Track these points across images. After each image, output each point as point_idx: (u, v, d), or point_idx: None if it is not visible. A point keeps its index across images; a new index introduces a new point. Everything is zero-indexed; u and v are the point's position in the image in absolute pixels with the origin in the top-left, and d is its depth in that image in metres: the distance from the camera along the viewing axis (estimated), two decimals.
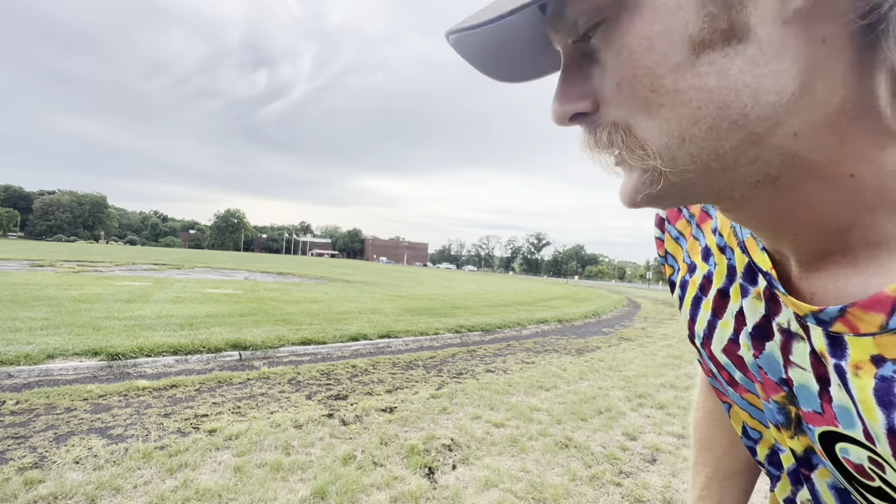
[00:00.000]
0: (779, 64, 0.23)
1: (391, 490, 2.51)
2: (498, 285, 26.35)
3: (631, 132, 0.27)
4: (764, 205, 0.28)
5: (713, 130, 0.25)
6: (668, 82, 0.25)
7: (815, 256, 0.30)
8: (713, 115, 0.24)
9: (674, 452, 3.26)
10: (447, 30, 0.29)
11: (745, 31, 0.23)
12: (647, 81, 0.25)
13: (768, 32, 0.23)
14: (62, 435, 2.93)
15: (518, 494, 2.55)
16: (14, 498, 2.19)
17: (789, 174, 0.26)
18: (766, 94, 0.23)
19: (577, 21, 0.27)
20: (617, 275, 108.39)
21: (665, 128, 0.26)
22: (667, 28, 0.24)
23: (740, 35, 0.23)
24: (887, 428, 0.25)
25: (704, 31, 0.23)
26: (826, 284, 0.30)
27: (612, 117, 0.28)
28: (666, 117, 0.25)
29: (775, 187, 0.27)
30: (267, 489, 2.41)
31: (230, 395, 3.95)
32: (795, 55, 0.23)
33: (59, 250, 32.39)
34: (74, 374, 4.34)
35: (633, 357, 6.87)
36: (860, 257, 0.28)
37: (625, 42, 0.25)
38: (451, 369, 5.44)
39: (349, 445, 3.03)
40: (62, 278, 11.68)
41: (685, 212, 0.47)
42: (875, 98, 0.23)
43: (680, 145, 0.26)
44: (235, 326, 6.57)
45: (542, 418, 3.80)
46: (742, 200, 0.28)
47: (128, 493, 2.30)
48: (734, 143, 0.25)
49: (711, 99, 0.24)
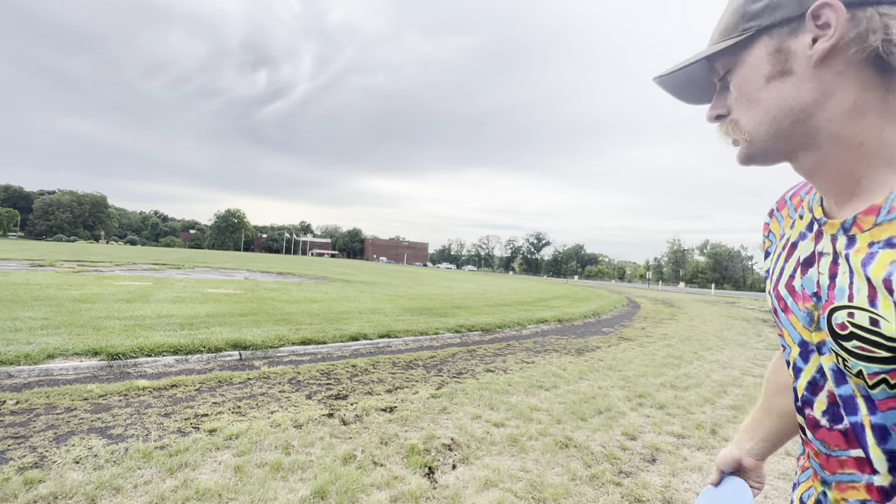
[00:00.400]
0: (811, 85, 0.47)
1: (391, 489, 2.51)
2: (498, 285, 26.35)
3: (738, 124, 0.54)
4: (814, 162, 0.51)
5: (776, 119, 0.50)
6: (754, 97, 0.51)
7: (845, 198, 0.51)
8: (774, 111, 0.49)
9: (673, 452, 3.26)
10: (654, 77, 0.58)
11: (790, 71, 0.48)
12: (746, 97, 0.52)
13: (804, 72, 0.47)
14: (62, 435, 2.93)
15: (518, 494, 2.55)
16: (14, 497, 2.19)
17: (825, 143, 0.48)
18: (804, 99, 0.47)
19: (719, 69, 0.55)
20: (616, 274, 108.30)
21: (754, 119, 0.51)
22: (753, 73, 0.50)
23: (788, 73, 0.48)
24: (867, 278, 0.44)
25: (771, 72, 0.49)
26: (850, 212, 0.50)
27: (733, 117, 0.55)
28: (753, 114, 0.51)
29: (819, 150, 0.49)
30: (267, 489, 2.41)
31: (230, 395, 3.95)
32: (821, 80, 0.46)
33: (59, 250, 32.39)
34: (74, 374, 4.34)
35: (633, 357, 6.87)
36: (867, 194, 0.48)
37: (737, 81, 0.52)
38: (451, 369, 5.45)
39: (349, 445, 3.03)
40: (62, 278, 11.68)
41: (789, 201, 0.66)
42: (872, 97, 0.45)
43: (758, 128, 0.51)
44: (236, 326, 6.57)
45: (542, 418, 3.80)
46: (801, 159, 0.52)
47: (128, 493, 2.30)
48: (788, 124, 0.49)
49: (774, 103, 0.49)
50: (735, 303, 25.39)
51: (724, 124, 0.56)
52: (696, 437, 3.58)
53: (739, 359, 7.31)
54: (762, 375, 6.10)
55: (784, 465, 3.18)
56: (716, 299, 29.01)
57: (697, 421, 3.97)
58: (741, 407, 4.49)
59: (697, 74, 0.57)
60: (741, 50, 0.51)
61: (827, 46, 0.45)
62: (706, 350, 7.94)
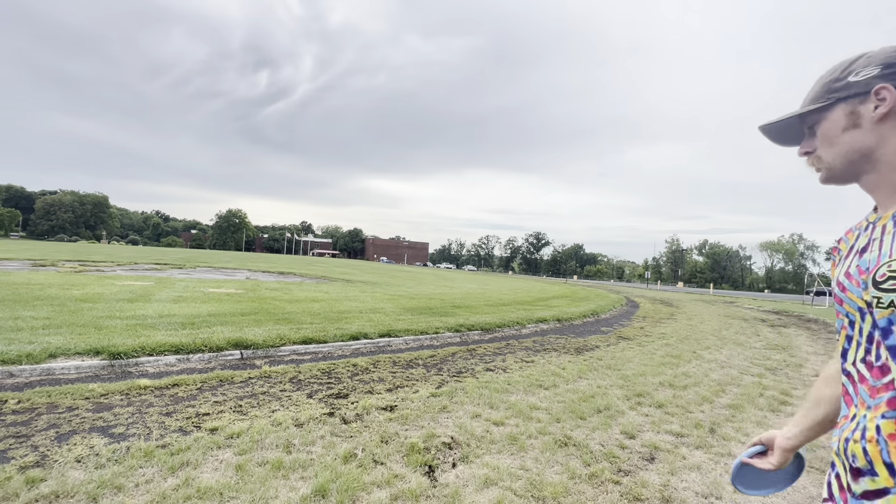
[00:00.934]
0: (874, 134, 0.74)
1: (391, 488, 2.52)
2: (497, 285, 26.36)
3: (821, 159, 0.81)
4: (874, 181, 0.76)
5: (847, 154, 0.77)
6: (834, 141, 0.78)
7: (893, 201, 0.74)
8: (847, 149, 0.77)
9: (672, 451, 3.27)
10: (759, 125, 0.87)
11: (860, 125, 0.75)
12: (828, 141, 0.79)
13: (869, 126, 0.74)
14: (64, 434, 2.95)
15: (517, 492, 2.56)
16: (16, 497, 2.21)
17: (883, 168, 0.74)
18: (868, 143, 0.74)
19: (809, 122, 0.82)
20: (615, 274, 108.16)
21: (832, 155, 0.79)
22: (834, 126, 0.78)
23: (858, 126, 0.75)
24: None
25: (846, 126, 0.75)
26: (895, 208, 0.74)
27: (817, 154, 0.81)
28: (832, 152, 0.78)
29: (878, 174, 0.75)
30: (268, 487, 2.43)
31: (232, 394, 3.96)
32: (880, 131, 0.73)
33: (60, 250, 32.43)
34: (76, 374, 4.36)
35: (632, 356, 6.88)
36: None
37: (822, 130, 0.80)
38: (451, 368, 5.46)
39: (350, 444, 3.05)
40: (64, 278, 11.70)
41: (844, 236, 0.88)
42: None
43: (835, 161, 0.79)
44: (237, 325, 6.59)
45: (542, 417, 3.82)
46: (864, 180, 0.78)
47: (130, 492, 2.32)
48: (857, 159, 0.77)
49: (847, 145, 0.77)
50: (733, 302, 25.38)
51: (811, 158, 0.85)
52: (694, 435, 3.59)
53: (738, 358, 7.32)
54: (760, 375, 6.11)
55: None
56: (714, 299, 28.99)
57: (696, 420, 3.98)
58: (739, 406, 4.50)
59: (793, 125, 0.86)
60: (826, 111, 0.80)
61: (885, 111, 0.74)
62: (704, 349, 7.95)
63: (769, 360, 7.28)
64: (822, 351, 8.70)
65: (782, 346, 9.09)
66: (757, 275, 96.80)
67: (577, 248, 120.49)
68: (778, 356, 7.76)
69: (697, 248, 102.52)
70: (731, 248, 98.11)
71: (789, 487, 0.83)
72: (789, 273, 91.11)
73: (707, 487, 2.78)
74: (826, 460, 3.33)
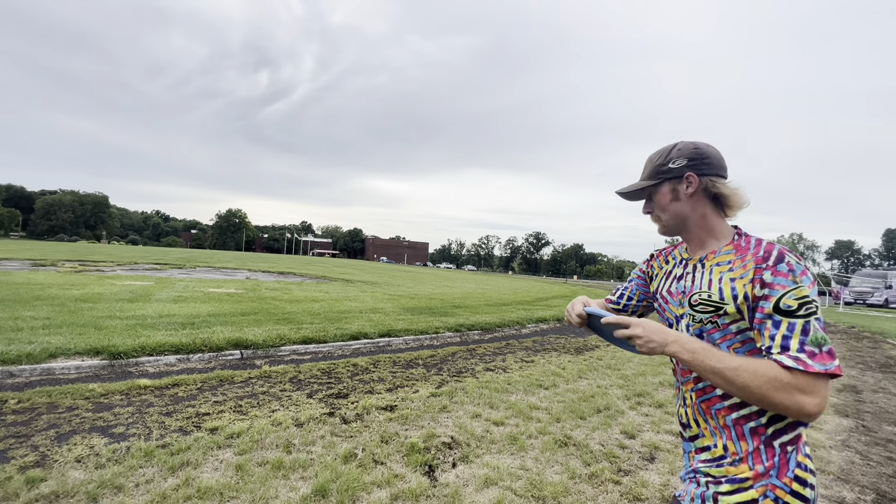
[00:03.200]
0: (688, 205, 1.11)
1: (392, 488, 2.52)
2: (497, 285, 26.35)
3: (659, 218, 1.17)
4: (688, 234, 1.15)
5: (673, 218, 1.14)
6: (665, 208, 1.14)
7: (699, 249, 1.13)
8: (673, 214, 1.13)
9: (672, 451, 3.27)
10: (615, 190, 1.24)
11: (679, 199, 1.11)
12: (661, 207, 1.15)
13: (685, 199, 1.11)
14: (64, 434, 2.95)
15: (518, 492, 2.56)
16: (16, 496, 2.21)
17: (693, 227, 1.13)
18: (685, 211, 1.12)
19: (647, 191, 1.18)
20: (615, 274, 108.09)
21: (665, 217, 1.15)
22: (664, 197, 1.13)
23: (678, 199, 1.11)
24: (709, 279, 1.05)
25: (671, 198, 1.12)
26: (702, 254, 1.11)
27: (656, 214, 1.17)
28: (665, 215, 1.15)
29: (689, 231, 1.14)
30: (268, 487, 2.43)
31: (232, 394, 3.96)
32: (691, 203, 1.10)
33: (60, 250, 32.43)
34: (76, 373, 4.36)
35: (632, 356, 6.88)
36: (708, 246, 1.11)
37: (657, 198, 1.15)
38: (451, 368, 5.46)
39: (350, 443, 3.05)
40: (64, 278, 11.70)
41: (657, 256, 1.29)
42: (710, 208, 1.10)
43: (668, 221, 1.15)
44: (237, 325, 6.59)
45: (542, 416, 3.82)
46: (684, 234, 1.16)
47: (130, 492, 2.32)
48: (679, 222, 1.14)
49: (673, 211, 1.13)
50: None
51: (652, 216, 1.19)
52: None
53: None
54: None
55: None
56: None
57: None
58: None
59: (638, 192, 1.20)
60: (658, 186, 1.14)
61: (693, 190, 1.08)
62: None
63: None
64: None
65: None
66: None
67: (577, 248, 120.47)
68: None
69: None
70: None
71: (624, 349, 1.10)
72: None
73: None
74: (825, 460, 3.33)
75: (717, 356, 0.93)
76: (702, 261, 1.09)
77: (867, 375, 6.56)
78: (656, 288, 1.22)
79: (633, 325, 1.01)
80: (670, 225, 1.15)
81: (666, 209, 1.13)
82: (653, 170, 1.15)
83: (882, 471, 3.21)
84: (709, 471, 1.01)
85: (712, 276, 1.04)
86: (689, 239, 1.15)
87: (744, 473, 0.95)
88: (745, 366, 0.89)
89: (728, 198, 1.07)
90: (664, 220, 1.15)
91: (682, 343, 0.97)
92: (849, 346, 9.66)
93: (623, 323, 1.03)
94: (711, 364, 0.92)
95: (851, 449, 3.58)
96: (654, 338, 0.98)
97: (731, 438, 0.99)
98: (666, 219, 1.15)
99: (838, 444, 3.65)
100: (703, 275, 1.07)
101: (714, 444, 1.02)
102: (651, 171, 1.15)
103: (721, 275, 1.02)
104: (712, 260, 1.07)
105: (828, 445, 3.61)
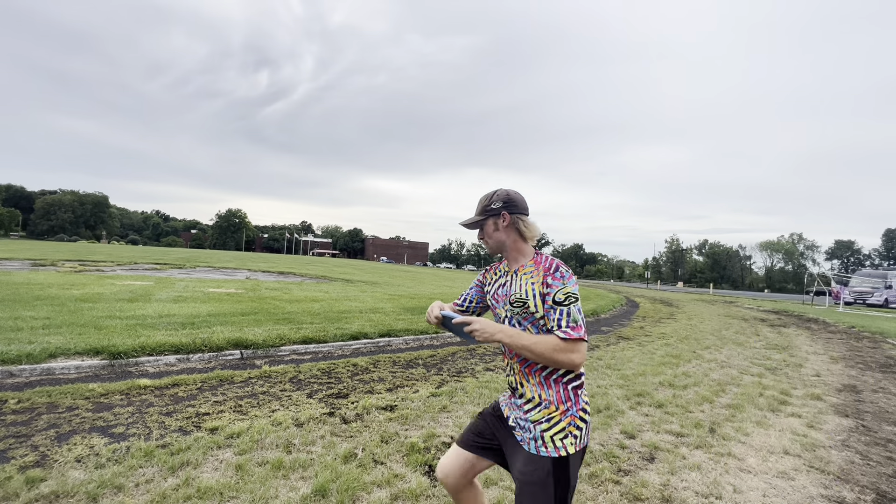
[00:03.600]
0: (504, 234, 1.59)
1: (392, 488, 2.52)
2: None
3: (487, 242, 1.62)
4: (507, 254, 1.62)
5: (496, 242, 1.60)
6: (490, 236, 1.60)
7: (514, 264, 1.60)
8: (497, 241, 1.60)
9: (672, 451, 3.27)
10: (459, 222, 1.65)
11: (499, 230, 1.58)
12: (488, 235, 1.61)
13: (502, 230, 1.58)
14: (64, 434, 2.95)
15: None
16: (16, 496, 2.21)
17: (508, 251, 1.60)
18: (502, 238, 1.59)
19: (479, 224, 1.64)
20: (615, 274, 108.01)
21: (492, 242, 1.61)
22: (489, 228, 1.60)
23: (498, 230, 1.58)
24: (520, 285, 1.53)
25: (494, 229, 1.59)
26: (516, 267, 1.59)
27: (485, 240, 1.63)
28: (491, 241, 1.61)
29: (507, 251, 1.61)
30: (268, 487, 2.43)
31: (231, 394, 3.96)
32: (506, 232, 1.59)
33: (60, 250, 32.42)
34: (76, 373, 4.36)
35: (632, 356, 6.88)
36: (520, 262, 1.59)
37: (485, 229, 1.61)
38: (451, 368, 5.46)
39: (350, 443, 3.05)
40: (64, 278, 11.70)
41: (489, 271, 1.76)
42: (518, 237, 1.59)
43: (493, 246, 1.62)
44: (237, 325, 6.59)
45: None
46: (504, 252, 1.62)
47: (130, 492, 2.32)
48: (499, 245, 1.60)
49: (496, 238, 1.59)
50: (733, 302, 25.38)
51: (483, 241, 1.62)
52: (694, 435, 3.59)
53: (737, 358, 7.32)
54: (760, 374, 6.11)
55: (783, 464, 3.19)
56: (714, 298, 28.99)
57: (696, 419, 3.98)
58: (739, 406, 4.50)
59: (475, 223, 1.62)
60: (485, 219, 1.58)
61: (506, 223, 1.55)
62: (704, 349, 7.95)
63: (769, 360, 7.28)
64: (822, 350, 8.70)
65: (782, 345, 9.09)
66: (757, 275, 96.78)
67: (577, 248, 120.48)
68: (778, 356, 7.76)
69: (697, 247, 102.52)
70: (730, 247, 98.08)
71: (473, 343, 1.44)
72: (789, 273, 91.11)
73: (707, 487, 2.78)
74: (825, 460, 3.33)
75: (524, 337, 1.42)
76: (515, 272, 1.56)
77: (867, 375, 6.56)
78: (489, 292, 1.68)
79: (473, 322, 1.44)
80: (493, 247, 1.61)
81: (491, 236, 1.59)
82: (481, 209, 1.61)
83: (882, 471, 3.21)
84: (533, 417, 1.48)
85: (522, 282, 1.51)
86: (507, 257, 1.62)
87: (553, 412, 1.45)
88: (540, 340, 1.40)
89: (528, 230, 1.57)
90: (490, 244, 1.61)
91: (504, 332, 1.43)
92: (849, 346, 9.66)
93: (467, 321, 1.45)
94: (522, 343, 1.41)
95: (851, 449, 3.58)
96: (487, 329, 1.43)
97: (543, 389, 1.48)
98: (491, 243, 1.61)
99: (838, 444, 3.65)
100: (515, 282, 1.54)
101: (533, 396, 1.50)
102: (480, 209, 1.62)
103: (526, 281, 1.50)
104: (522, 271, 1.54)
105: (828, 445, 3.61)
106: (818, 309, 21.71)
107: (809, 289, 35.34)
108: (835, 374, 6.54)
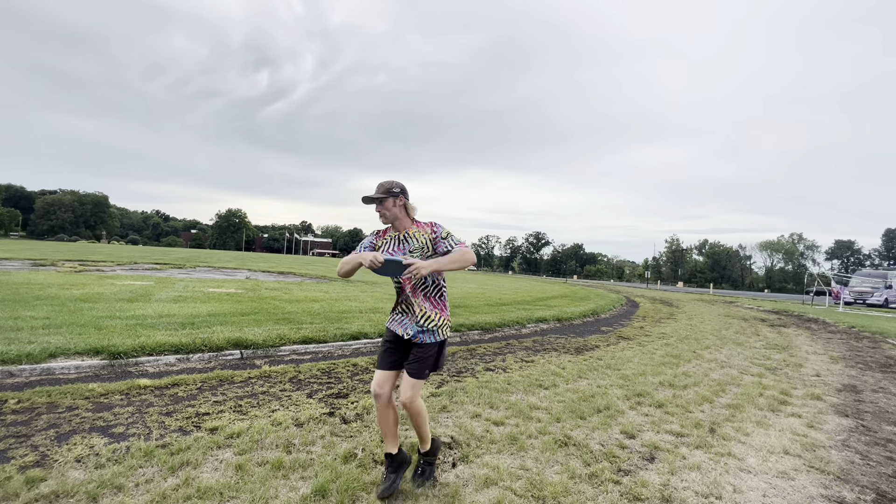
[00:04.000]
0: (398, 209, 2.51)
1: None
2: (497, 285, 26.36)
3: (385, 215, 2.51)
4: (399, 223, 2.53)
5: (393, 215, 2.51)
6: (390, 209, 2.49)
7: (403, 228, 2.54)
8: (393, 213, 2.50)
9: (672, 451, 3.27)
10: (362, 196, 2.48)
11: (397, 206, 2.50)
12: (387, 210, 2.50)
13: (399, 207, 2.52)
14: (64, 434, 2.95)
15: (517, 492, 2.56)
16: (16, 496, 2.21)
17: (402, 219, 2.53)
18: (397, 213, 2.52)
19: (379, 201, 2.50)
20: (615, 274, 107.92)
21: (388, 214, 2.50)
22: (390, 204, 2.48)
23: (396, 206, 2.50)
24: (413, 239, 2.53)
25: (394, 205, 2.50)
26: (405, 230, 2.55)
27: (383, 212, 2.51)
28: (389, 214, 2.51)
29: (400, 220, 2.53)
30: (268, 487, 2.43)
31: (231, 394, 3.96)
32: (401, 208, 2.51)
33: (60, 250, 32.42)
34: (76, 373, 4.36)
35: (632, 356, 6.88)
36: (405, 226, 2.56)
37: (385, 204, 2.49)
38: (450, 368, 5.46)
39: (350, 443, 3.05)
40: (64, 278, 11.70)
41: (381, 234, 2.61)
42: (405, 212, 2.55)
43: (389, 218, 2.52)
44: (237, 325, 6.59)
45: (542, 416, 3.82)
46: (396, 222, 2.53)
47: (129, 492, 2.32)
48: (394, 217, 2.51)
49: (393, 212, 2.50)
50: (733, 302, 25.38)
51: (381, 213, 2.48)
52: (694, 435, 3.59)
53: (738, 358, 7.32)
54: (760, 374, 6.11)
55: (783, 464, 3.19)
56: (714, 298, 29.00)
57: (696, 419, 3.98)
58: (739, 406, 4.50)
59: (378, 199, 2.45)
60: (387, 198, 2.45)
61: (401, 203, 2.49)
62: (704, 349, 7.95)
63: (769, 360, 7.28)
64: (822, 350, 8.70)
65: (782, 345, 9.09)
66: (757, 274, 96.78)
67: (577, 248, 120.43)
68: (778, 356, 7.76)
69: (697, 247, 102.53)
70: (731, 247, 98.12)
71: None
72: (789, 273, 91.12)
73: (707, 487, 2.78)
74: (825, 460, 3.33)
75: (443, 261, 2.26)
76: (407, 233, 2.48)
77: (867, 375, 6.56)
78: (382, 249, 2.51)
79: (415, 261, 2.21)
80: (390, 218, 2.47)
81: (390, 210, 2.44)
82: (384, 190, 2.42)
83: (882, 471, 3.21)
84: (426, 322, 2.44)
85: (418, 237, 2.46)
86: (397, 226, 2.50)
87: (437, 315, 2.47)
88: (452, 256, 2.31)
89: (411, 209, 2.50)
90: (387, 216, 2.46)
91: (432, 265, 2.22)
92: (849, 345, 9.66)
93: (411, 262, 2.20)
94: (446, 264, 2.25)
95: (851, 449, 3.58)
96: (424, 265, 2.19)
97: (426, 304, 2.45)
98: (388, 215, 2.45)
99: (838, 444, 3.65)
100: (411, 238, 2.47)
101: (421, 312, 2.43)
102: (383, 190, 2.42)
103: (421, 236, 2.46)
104: (412, 231, 2.49)
105: (828, 445, 3.61)
106: (818, 309, 21.71)
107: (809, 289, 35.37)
108: (835, 374, 6.54)
